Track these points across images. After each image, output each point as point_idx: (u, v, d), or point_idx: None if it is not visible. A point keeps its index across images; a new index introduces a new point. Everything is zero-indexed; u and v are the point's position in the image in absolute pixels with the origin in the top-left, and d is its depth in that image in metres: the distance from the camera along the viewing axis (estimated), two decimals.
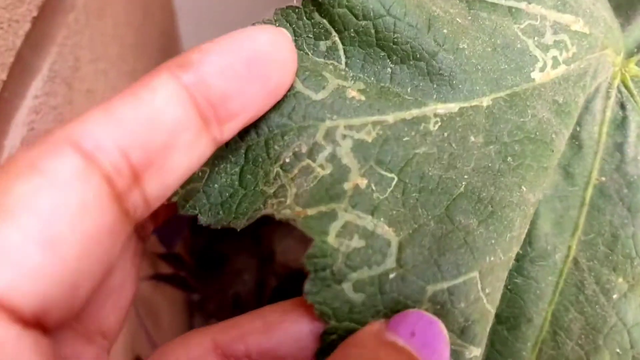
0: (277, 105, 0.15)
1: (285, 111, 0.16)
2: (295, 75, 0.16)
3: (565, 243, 0.18)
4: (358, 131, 0.16)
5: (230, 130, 0.14)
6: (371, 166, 0.15)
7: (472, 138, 0.17)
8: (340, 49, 0.16)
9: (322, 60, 0.16)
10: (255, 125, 0.16)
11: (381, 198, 0.15)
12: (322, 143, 0.15)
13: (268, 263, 0.52)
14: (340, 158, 0.15)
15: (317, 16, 0.16)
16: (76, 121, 0.12)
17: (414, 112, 0.16)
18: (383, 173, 0.15)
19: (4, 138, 0.24)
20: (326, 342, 0.15)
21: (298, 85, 0.16)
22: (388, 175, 0.16)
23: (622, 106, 0.20)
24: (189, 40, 0.65)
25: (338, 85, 0.16)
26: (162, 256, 0.47)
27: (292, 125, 0.16)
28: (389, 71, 0.16)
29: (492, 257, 0.16)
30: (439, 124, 0.16)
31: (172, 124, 0.13)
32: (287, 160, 0.15)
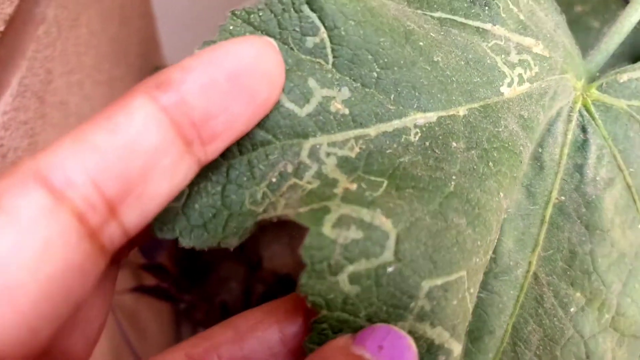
0: (260, 120, 0.15)
1: (268, 126, 0.15)
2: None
3: (526, 259, 0.19)
4: (341, 147, 0.16)
5: (214, 150, 0.14)
6: (359, 175, 0.15)
7: (454, 144, 0.17)
8: (328, 47, 0.16)
9: (308, 57, 0.16)
10: (236, 141, 0.15)
11: (375, 195, 0.15)
12: (307, 162, 0.15)
13: (255, 270, 0.52)
14: (326, 174, 0.15)
15: (307, 9, 0.15)
16: (45, 152, 0.11)
17: (395, 124, 0.16)
18: (372, 179, 0.15)
19: None
20: (316, 331, 0.14)
21: (282, 98, 0.15)
22: (378, 179, 0.15)
23: (584, 129, 0.21)
24: (170, 46, 0.62)
25: (322, 97, 0.16)
26: (145, 267, 0.45)
27: (276, 143, 0.15)
28: (375, 75, 0.16)
29: (477, 259, 0.16)
30: (419, 135, 0.17)
31: (151, 150, 0.12)
32: (274, 180, 0.15)
